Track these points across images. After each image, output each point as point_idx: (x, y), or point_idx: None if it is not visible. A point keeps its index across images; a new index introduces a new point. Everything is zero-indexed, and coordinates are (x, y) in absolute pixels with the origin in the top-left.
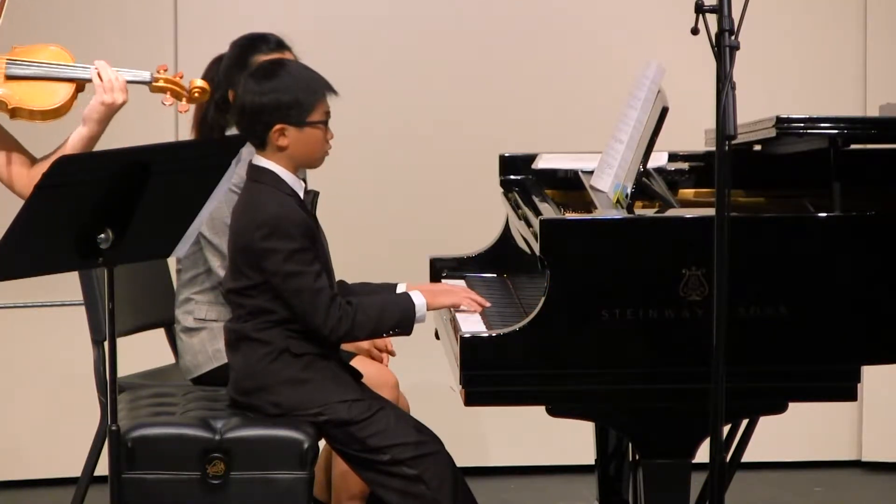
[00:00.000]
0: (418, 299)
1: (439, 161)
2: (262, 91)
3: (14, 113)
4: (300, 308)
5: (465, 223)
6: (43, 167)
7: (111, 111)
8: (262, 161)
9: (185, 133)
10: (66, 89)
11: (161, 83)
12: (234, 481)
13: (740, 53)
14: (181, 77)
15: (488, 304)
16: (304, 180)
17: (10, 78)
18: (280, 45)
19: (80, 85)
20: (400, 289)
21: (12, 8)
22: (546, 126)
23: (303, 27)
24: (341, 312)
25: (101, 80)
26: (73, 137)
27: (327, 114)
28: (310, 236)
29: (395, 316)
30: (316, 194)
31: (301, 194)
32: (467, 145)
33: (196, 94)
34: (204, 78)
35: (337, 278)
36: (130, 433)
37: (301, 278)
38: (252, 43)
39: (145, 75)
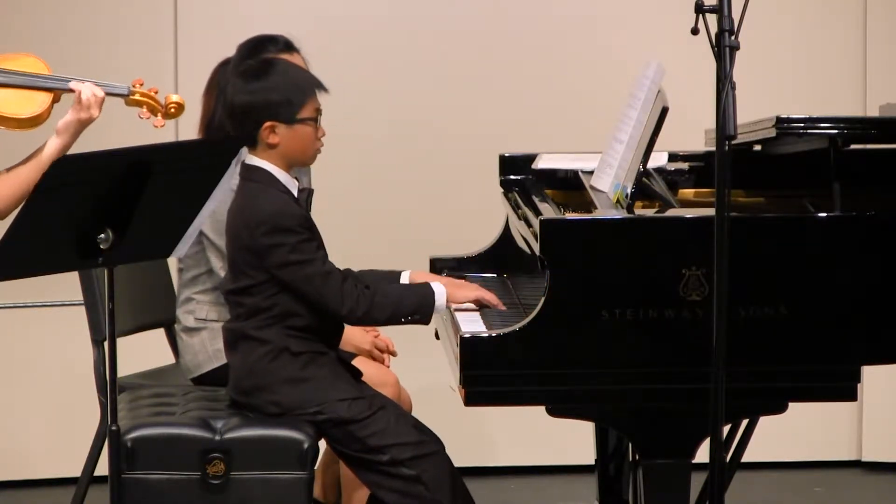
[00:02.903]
0: (439, 289)
1: (440, 161)
2: (251, 90)
3: None
4: (314, 294)
5: (465, 223)
6: (12, 176)
7: (84, 126)
8: (255, 160)
9: (186, 134)
10: (44, 98)
11: (137, 97)
12: (234, 481)
13: (740, 53)
14: (156, 92)
15: (503, 307)
16: (307, 178)
17: None
18: (288, 46)
19: (57, 95)
20: (403, 277)
21: (13, 7)
22: (546, 126)
23: (303, 27)
24: (357, 292)
25: (80, 96)
26: (48, 149)
27: (318, 111)
28: (308, 227)
29: (414, 302)
30: (310, 192)
31: (295, 193)
32: (467, 145)
33: (172, 110)
34: (210, 82)
35: None
36: (130, 433)
37: (310, 265)
38: (260, 44)
39: (122, 88)
